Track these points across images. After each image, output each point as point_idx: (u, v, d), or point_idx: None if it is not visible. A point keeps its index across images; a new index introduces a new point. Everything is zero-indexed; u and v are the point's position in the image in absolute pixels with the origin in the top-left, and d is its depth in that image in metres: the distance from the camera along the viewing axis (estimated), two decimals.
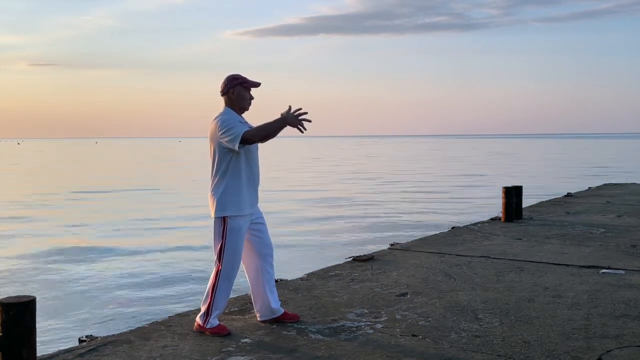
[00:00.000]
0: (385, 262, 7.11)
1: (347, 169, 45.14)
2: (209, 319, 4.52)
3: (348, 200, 23.09)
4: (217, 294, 4.51)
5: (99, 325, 7.79)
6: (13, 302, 3.47)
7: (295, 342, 4.35)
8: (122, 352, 4.15)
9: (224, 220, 4.48)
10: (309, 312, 5.08)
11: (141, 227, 16.64)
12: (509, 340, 4.36)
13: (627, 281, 6.09)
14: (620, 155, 66.98)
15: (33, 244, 13.83)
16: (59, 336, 7.35)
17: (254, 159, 4.63)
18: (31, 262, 11.84)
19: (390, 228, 16.04)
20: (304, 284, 6.14)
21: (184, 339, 4.42)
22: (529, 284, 6.01)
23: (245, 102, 4.63)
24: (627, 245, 8.06)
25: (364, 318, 4.93)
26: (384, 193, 26.15)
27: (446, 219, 16.84)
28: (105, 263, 11.80)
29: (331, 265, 7.08)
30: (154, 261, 11.93)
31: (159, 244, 13.82)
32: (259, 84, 4.65)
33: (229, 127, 4.39)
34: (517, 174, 36.28)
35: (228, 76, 4.62)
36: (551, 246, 8.02)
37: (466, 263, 7.02)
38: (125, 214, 19.53)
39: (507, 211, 10.37)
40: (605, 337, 4.41)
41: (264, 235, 4.70)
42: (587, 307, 5.17)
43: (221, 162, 4.49)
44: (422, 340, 4.38)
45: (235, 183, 4.48)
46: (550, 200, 14.06)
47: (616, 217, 10.80)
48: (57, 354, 4.14)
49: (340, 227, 16.27)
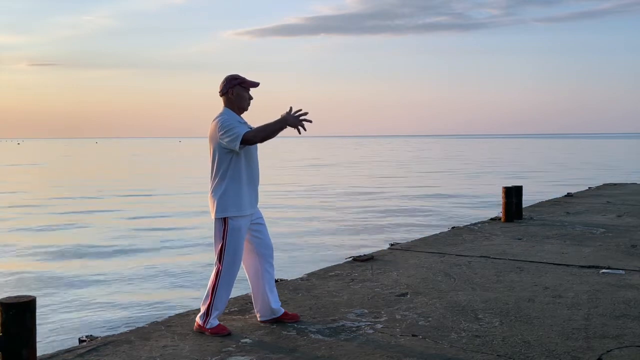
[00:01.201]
0: (385, 262, 7.11)
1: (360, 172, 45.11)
2: (209, 319, 4.52)
3: (352, 199, 23.10)
4: (217, 295, 4.51)
5: (99, 325, 7.79)
6: (13, 302, 3.47)
7: (295, 342, 4.35)
8: (122, 352, 4.15)
9: (225, 221, 4.48)
10: (309, 312, 5.08)
11: (141, 227, 16.64)
12: (509, 340, 4.36)
13: (627, 281, 6.09)
14: (620, 156, 66.96)
15: (33, 244, 13.84)
16: (59, 336, 7.35)
17: (254, 160, 4.63)
18: (31, 263, 11.84)
19: (391, 228, 16.04)
20: (304, 284, 6.14)
21: (184, 339, 4.42)
22: (529, 284, 6.01)
23: (245, 102, 4.63)
24: (627, 245, 8.06)
25: (364, 318, 4.93)
26: (386, 193, 26.16)
27: (446, 219, 16.84)
28: (106, 263, 11.80)
29: (331, 265, 7.08)
30: (154, 261, 11.92)
31: (159, 244, 13.82)
32: (257, 84, 4.65)
33: (230, 128, 4.39)
34: (516, 174, 36.28)
35: (227, 76, 4.62)
36: (551, 246, 8.02)
37: (466, 263, 7.02)
38: (126, 215, 19.54)
39: (507, 211, 10.37)
40: (605, 337, 4.41)
41: (263, 236, 4.70)
42: (587, 307, 5.17)
43: (221, 163, 4.49)
44: (422, 340, 4.38)
45: (236, 184, 4.48)
46: (550, 200, 14.06)
47: (616, 217, 10.80)
48: (57, 354, 4.14)
49: (341, 227, 16.27)
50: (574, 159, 60.47)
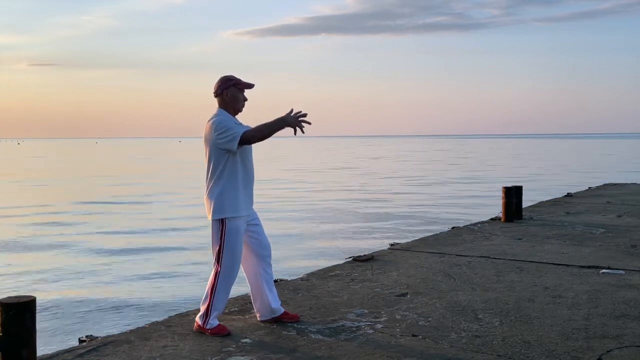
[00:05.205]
0: (385, 262, 7.11)
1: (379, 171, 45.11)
2: (209, 320, 4.52)
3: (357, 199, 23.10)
4: (216, 295, 4.51)
5: (99, 325, 7.79)
6: (13, 302, 3.47)
7: (295, 342, 4.35)
8: (122, 352, 4.15)
9: (222, 222, 4.48)
10: (309, 312, 5.08)
11: (142, 227, 16.64)
12: (509, 340, 4.36)
13: (627, 281, 6.09)
14: (620, 155, 66.94)
15: (33, 243, 13.84)
16: (59, 336, 7.35)
17: (249, 160, 4.63)
18: (32, 261, 11.84)
19: (390, 228, 16.04)
20: (304, 284, 6.14)
21: (184, 339, 4.42)
22: (529, 284, 6.00)
23: (239, 103, 4.62)
24: (627, 245, 8.06)
25: (364, 318, 4.93)
26: (390, 192, 26.16)
27: (446, 219, 16.84)
28: (106, 263, 11.80)
29: (331, 265, 7.08)
30: (154, 261, 11.92)
31: (159, 244, 13.82)
32: (252, 85, 4.65)
33: (227, 128, 4.39)
34: (517, 174, 36.27)
35: (222, 77, 4.61)
36: (551, 246, 8.02)
37: (466, 263, 7.02)
38: (126, 214, 19.54)
39: (507, 211, 10.37)
40: (605, 337, 4.41)
41: (260, 237, 4.70)
42: (587, 307, 5.17)
43: (217, 163, 4.48)
44: (422, 340, 4.38)
45: (232, 184, 4.48)
46: (550, 200, 14.06)
47: (616, 217, 10.80)
48: (57, 354, 4.14)
49: (341, 227, 16.27)
50: (573, 159, 60.44)
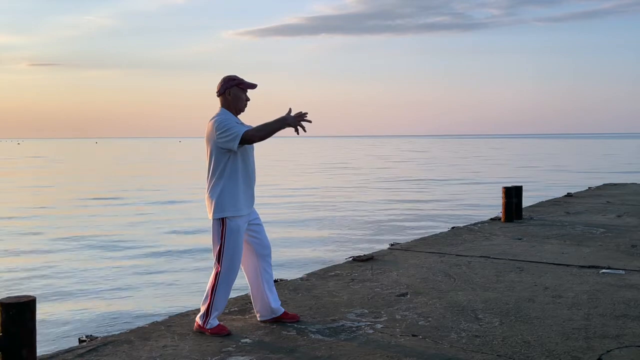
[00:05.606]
0: (385, 262, 7.11)
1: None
2: (209, 320, 4.52)
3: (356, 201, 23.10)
4: (216, 295, 4.50)
5: (99, 325, 7.79)
6: (13, 302, 3.47)
7: (295, 342, 4.35)
8: (122, 352, 4.15)
9: (223, 222, 4.48)
10: (309, 312, 5.08)
11: (142, 227, 16.64)
12: (509, 340, 4.36)
13: (627, 281, 6.09)
14: (620, 155, 66.94)
15: (33, 242, 13.85)
16: (59, 336, 7.35)
17: (250, 160, 4.63)
18: (32, 262, 11.84)
19: (391, 228, 16.04)
20: (304, 284, 6.14)
21: (184, 339, 4.42)
22: (529, 284, 6.00)
23: (242, 103, 4.63)
24: (627, 245, 8.06)
25: (364, 318, 4.93)
26: (392, 193, 26.16)
27: (446, 219, 16.84)
28: (105, 263, 11.80)
29: (331, 265, 7.08)
30: (154, 261, 11.93)
31: (159, 244, 13.82)
32: (255, 85, 4.65)
33: (228, 128, 4.39)
34: (517, 174, 36.26)
35: (224, 77, 4.62)
36: (551, 246, 8.02)
37: (466, 263, 7.02)
38: (125, 215, 19.54)
39: (507, 211, 10.36)
40: (605, 337, 4.41)
41: (261, 236, 4.70)
42: (587, 307, 5.17)
43: (218, 163, 4.48)
44: (422, 340, 4.38)
45: (233, 184, 4.48)
46: (550, 200, 14.05)
47: (616, 217, 10.80)
48: (57, 354, 4.14)
49: (341, 227, 16.27)
50: (573, 159, 60.43)
